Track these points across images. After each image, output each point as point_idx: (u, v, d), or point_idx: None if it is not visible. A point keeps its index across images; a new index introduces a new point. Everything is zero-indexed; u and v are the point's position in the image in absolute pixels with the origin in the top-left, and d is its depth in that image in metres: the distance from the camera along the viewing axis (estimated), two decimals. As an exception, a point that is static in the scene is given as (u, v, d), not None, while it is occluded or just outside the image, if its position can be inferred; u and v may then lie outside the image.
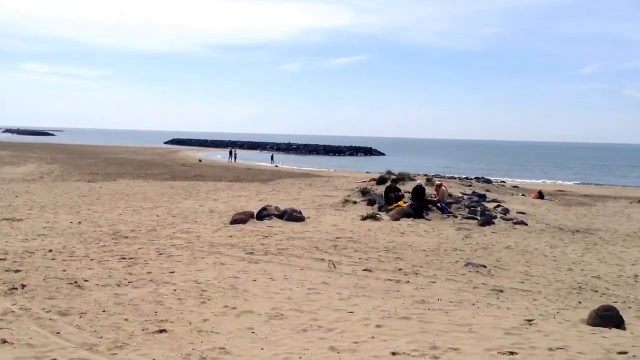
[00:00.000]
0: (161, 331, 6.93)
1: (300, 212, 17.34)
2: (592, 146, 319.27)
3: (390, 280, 10.26)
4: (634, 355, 6.17)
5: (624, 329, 7.56)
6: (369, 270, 10.95)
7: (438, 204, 19.61)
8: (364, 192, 23.09)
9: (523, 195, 31.53)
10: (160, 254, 11.92)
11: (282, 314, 7.73)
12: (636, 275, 12.22)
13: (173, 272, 10.25)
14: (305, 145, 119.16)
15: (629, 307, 9.40)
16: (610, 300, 9.68)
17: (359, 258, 12.19)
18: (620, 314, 7.90)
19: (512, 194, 31.79)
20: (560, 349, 6.41)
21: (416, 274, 10.95)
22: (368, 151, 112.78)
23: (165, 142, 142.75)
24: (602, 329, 7.43)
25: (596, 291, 10.59)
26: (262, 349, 6.39)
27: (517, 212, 21.26)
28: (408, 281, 10.24)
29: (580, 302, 9.43)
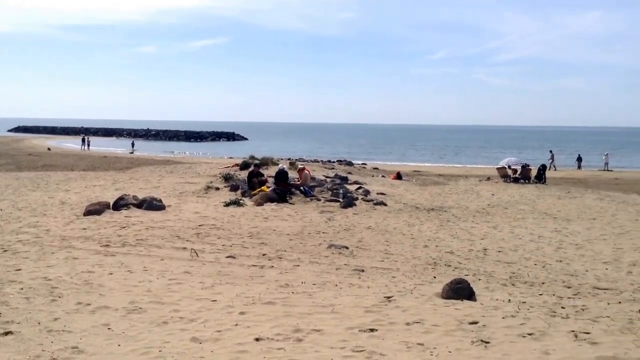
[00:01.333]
0: (6, 333, 6.30)
1: (160, 201, 16.69)
2: (445, 128, 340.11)
3: (255, 266, 10.14)
4: (484, 325, 6.53)
5: (474, 300, 8.01)
6: (233, 257, 10.76)
7: (301, 188, 19.80)
8: (226, 178, 22.75)
9: (383, 176, 32.79)
10: (5, 250, 10.91)
11: (141, 307, 7.34)
12: (485, 249, 13.10)
13: (19, 269, 9.39)
14: (165, 132, 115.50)
15: (479, 279, 10.03)
16: (463, 274, 10.27)
17: (223, 245, 11.96)
18: (471, 286, 8.37)
19: (373, 176, 32.99)
20: (416, 322, 6.65)
21: (280, 258, 10.94)
22: (231, 136, 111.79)
23: (9, 130, 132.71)
24: (455, 301, 7.82)
25: (449, 266, 11.20)
26: (119, 345, 6.02)
27: (378, 193, 22.02)
28: (272, 266, 10.19)
29: (435, 277, 9.91)
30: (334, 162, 42.29)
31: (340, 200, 18.84)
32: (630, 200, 23.73)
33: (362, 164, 45.89)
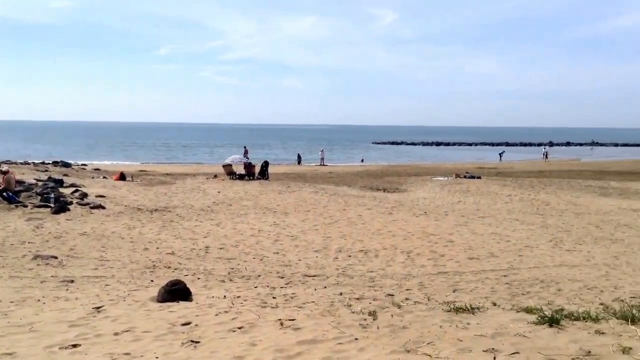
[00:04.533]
0: None
1: None
2: (174, 126, 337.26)
3: (-64, 288, 8.65)
4: (196, 324, 6.43)
5: (191, 300, 7.88)
6: None
7: (4, 194, 17.64)
8: None
9: (104, 177, 31.05)
10: None
11: None
12: (207, 247, 13.14)
13: None
14: None
15: (198, 279, 9.97)
16: (182, 274, 10.13)
17: None
18: (188, 286, 8.23)
19: (93, 177, 31.04)
20: (126, 331, 6.27)
21: (-29, 276, 9.53)
22: None
23: None
24: (170, 303, 7.59)
25: (169, 267, 10.95)
26: None
27: (97, 196, 20.74)
28: (-40, 286, 8.80)
29: (152, 281, 9.57)
30: (48, 163, 38.76)
31: (52, 205, 17.25)
32: (341, 191, 26.15)
33: (82, 164, 42.94)
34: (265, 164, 34.48)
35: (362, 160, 60.46)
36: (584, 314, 6.31)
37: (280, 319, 6.48)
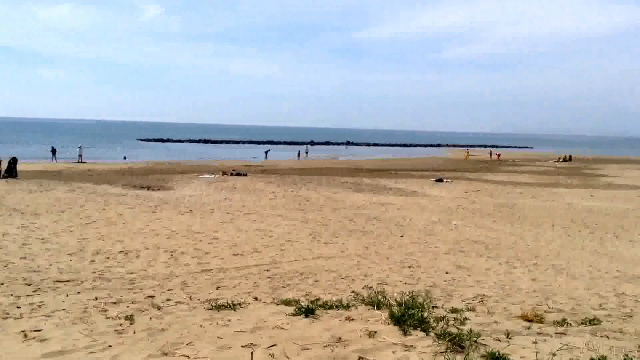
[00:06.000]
0: None
1: None
2: None
3: None
4: None
5: None
6: None
7: None
8: None
9: None
10: None
11: None
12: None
13: None
14: None
15: None
16: None
17: None
18: None
19: None
20: None
21: None
22: None
23: None
24: None
25: None
26: None
27: None
28: None
29: None
30: None
31: None
32: (101, 190, 24.66)
33: None
34: (14, 161, 31.16)
35: (125, 158, 57.88)
36: (337, 302, 6.73)
37: (24, 331, 5.86)
